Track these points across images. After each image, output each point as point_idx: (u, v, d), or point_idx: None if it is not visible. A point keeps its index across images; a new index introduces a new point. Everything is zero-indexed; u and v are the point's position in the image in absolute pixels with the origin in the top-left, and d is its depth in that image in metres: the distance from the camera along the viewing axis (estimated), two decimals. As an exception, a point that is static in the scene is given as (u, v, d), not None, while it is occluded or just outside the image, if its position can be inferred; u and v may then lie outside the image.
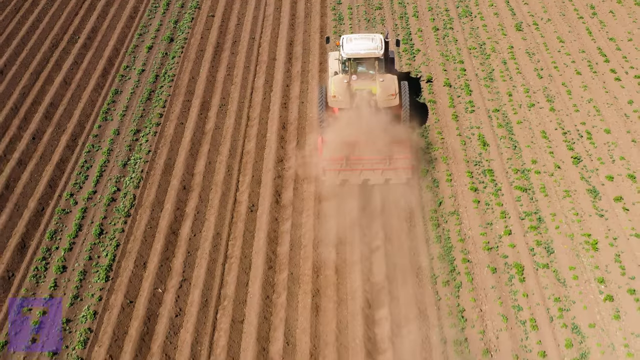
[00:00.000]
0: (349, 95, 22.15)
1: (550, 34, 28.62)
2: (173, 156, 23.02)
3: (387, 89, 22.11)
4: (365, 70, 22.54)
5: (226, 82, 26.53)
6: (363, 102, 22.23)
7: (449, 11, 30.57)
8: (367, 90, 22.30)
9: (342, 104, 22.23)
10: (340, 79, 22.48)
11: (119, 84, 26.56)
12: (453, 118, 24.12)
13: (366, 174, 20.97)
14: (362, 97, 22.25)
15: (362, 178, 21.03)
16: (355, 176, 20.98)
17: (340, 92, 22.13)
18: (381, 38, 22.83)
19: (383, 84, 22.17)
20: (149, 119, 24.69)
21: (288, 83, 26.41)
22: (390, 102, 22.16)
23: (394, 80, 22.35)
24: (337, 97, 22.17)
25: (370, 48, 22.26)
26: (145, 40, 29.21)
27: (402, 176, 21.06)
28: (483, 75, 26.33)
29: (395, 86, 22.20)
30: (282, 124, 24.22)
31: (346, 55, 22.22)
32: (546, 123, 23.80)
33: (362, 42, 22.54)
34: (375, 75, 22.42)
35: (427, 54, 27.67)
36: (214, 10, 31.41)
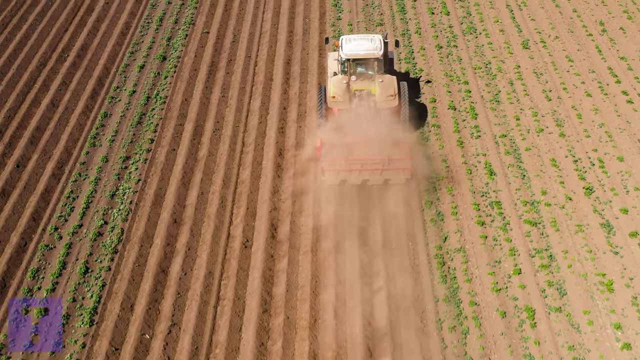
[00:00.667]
0: (348, 96, 22.19)
1: (559, 53, 27.48)
2: (164, 186, 21.88)
3: (387, 90, 22.10)
4: (365, 71, 22.57)
5: (221, 105, 25.40)
6: (362, 103, 22.31)
7: (453, 27, 29.43)
8: (366, 91, 22.36)
9: (342, 105, 22.24)
10: (339, 80, 22.46)
11: (109, 106, 25.42)
12: (458, 144, 22.99)
13: (365, 174, 20.76)
14: (362, 98, 22.33)
15: (361, 178, 20.81)
16: (354, 176, 20.79)
17: (340, 92, 22.13)
18: (380, 39, 22.79)
19: (382, 85, 22.15)
20: (139, 144, 23.55)
21: (285, 105, 25.27)
22: (389, 102, 22.15)
23: (393, 81, 22.36)
24: (336, 97, 22.16)
25: (369, 49, 22.28)
26: (137, 59, 28.07)
27: (401, 177, 20.84)
28: (489, 97, 25.19)
29: (394, 87, 22.20)
30: (279, 151, 23.08)
31: (345, 56, 22.21)
32: (556, 150, 22.66)
33: (361, 43, 22.56)
34: (374, 76, 22.46)
35: (431, 74, 26.52)
36: (208, 26, 30.27)
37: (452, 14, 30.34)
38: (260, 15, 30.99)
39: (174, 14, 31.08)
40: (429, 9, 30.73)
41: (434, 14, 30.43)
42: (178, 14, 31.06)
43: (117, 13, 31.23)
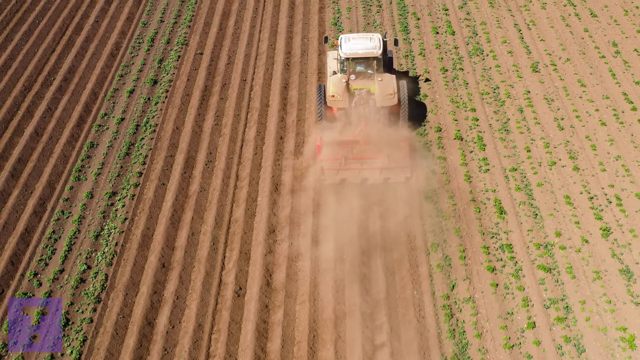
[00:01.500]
0: (347, 94, 22.23)
1: (570, 76, 26.09)
2: (152, 225, 20.51)
3: (386, 89, 22.09)
4: (364, 69, 22.59)
5: (214, 134, 24.01)
6: (362, 102, 22.33)
7: (458, 49, 28.04)
8: (365, 90, 22.37)
9: (341, 104, 22.26)
10: (338, 79, 22.48)
11: (96, 135, 24.04)
12: (466, 179, 21.60)
13: (365, 173, 20.88)
14: (361, 97, 22.33)
15: (361, 177, 20.96)
16: (354, 175, 20.93)
17: (339, 91, 22.11)
18: (379, 37, 22.83)
19: (382, 84, 22.16)
20: (126, 178, 22.17)
21: (282, 135, 23.89)
22: (389, 101, 22.12)
23: (392, 80, 22.35)
24: (335, 96, 22.15)
25: (368, 48, 22.30)
26: (127, 83, 26.69)
27: (400, 175, 20.93)
28: (497, 126, 23.80)
29: (393, 85, 22.20)
30: (275, 186, 21.70)
31: (344, 55, 22.24)
32: (570, 185, 21.28)
33: (360, 42, 22.58)
34: (373, 75, 22.48)
35: (435, 100, 25.15)
36: (202, 47, 28.90)
37: (458, 34, 28.97)
38: (256, 34, 29.62)
39: (167, 33, 29.71)
40: (433, 28, 29.35)
41: (438, 34, 29.07)
42: (171, 34, 29.69)
43: (107, 32, 29.86)
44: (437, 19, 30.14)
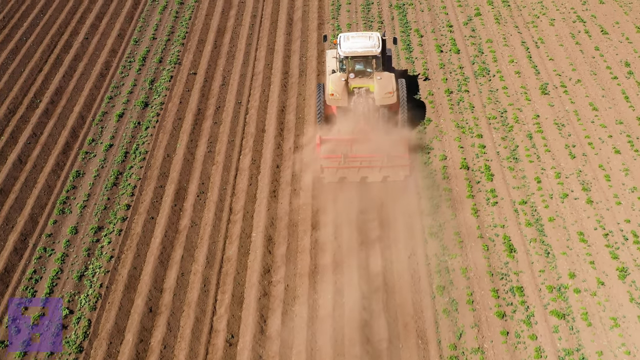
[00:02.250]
0: (346, 93, 22.26)
1: (581, 99, 24.85)
2: (139, 264, 19.28)
3: (385, 87, 22.14)
4: (363, 68, 22.66)
5: (206, 162, 22.79)
6: (361, 100, 22.37)
7: (464, 69, 26.81)
8: (364, 89, 22.46)
9: (340, 102, 22.30)
10: (337, 77, 22.52)
11: (82, 163, 22.81)
12: (473, 213, 20.36)
13: (364, 171, 20.82)
14: (360, 95, 22.39)
15: (360, 176, 20.90)
16: (353, 174, 20.87)
17: (338, 90, 22.15)
18: (378, 36, 22.89)
19: (381, 82, 22.22)
20: (113, 212, 20.94)
21: (278, 163, 22.67)
22: (388, 100, 22.17)
23: (391, 78, 22.41)
24: (334, 95, 22.19)
25: (367, 46, 22.38)
26: (116, 106, 25.47)
27: (400, 174, 20.89)
28: (506, 154, 22.57)
29: (392, 84, 22.26)
30: (271, 220, 20.47)
31: (344, 53, 22.31)
32: (583, 220, 20.04)
33: (359, 41, 22.63)
34: (372, 74, 22.58)
35: (440, 125, 23.91)
36: (196, 66, 27.67)
37: (463, 52, 27.73)
38: (252, 53, 28.39)
39: (159, 51, 28.49)
40: (437, 46, 28.11)
41: (442, 52, 27.82)
42: (163, 52, 28.47)
43: (97, 50, 28.65)
44: (441, 37, 28.91)
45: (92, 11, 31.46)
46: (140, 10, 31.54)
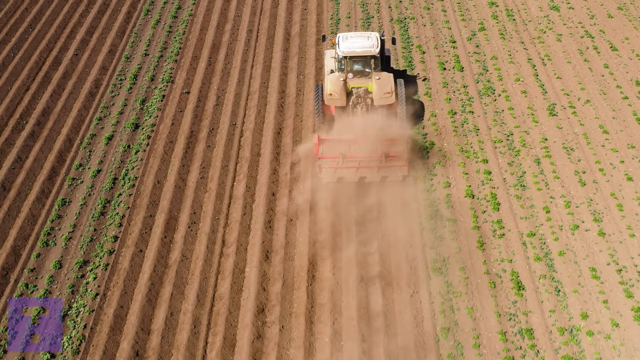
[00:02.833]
0: (345, 93, 22.23)
1: (591, 121, 23.79)
2: (126, 303, 18.22)
3: (383, 87, 22.11)
4: (362, 68, 22.62)
5: (199, 189, 21.73)
6: (359, 100, 22.39)
7: (468, 87, 25.74)
8: (363, 89, 22.44)
9: (338, 102, 22.30)
10: (336, 77, 22.50)
11: (68, 191, 21.75)
12: (478, 246, 19.30)
13: (362, 171, 20.75)
14: (359, 95, 22.39)
15: (358, 176, 20.82)
16: (351, 174, 20.81)
17: (337, 90, 22.15)
18: (377, 36, 22.85)
19: (379, 82, 22.19)
20: (100, 244, 19.89)
21: (274, 190, 21.61)
22: (386, 100, 22.17)
23: (390, 78, 22.38)
24: (333, 95, 22.18)
25: (366, 46, 22.34)
26: (105, 127, 24.40)
27: (398, 174, 20.86)
28: (512, 181, 21.50)
29: (391, 84, 22.24)
30: (265, 253, 19.43)
31: (342, 53, 22.29)
32: (595, 254, 18.99)
33: (358, 41, 22.59)
34: (371, 74, 22.54)
35: (443, 149, 22.84)
36: (189, 85, 26.62)
37: (467, 70, 26.66)
38: (248, 70, 27.32)
39: (151, 69, 27.43)
40: (440, 63, 27.05)
41: (445, 70, 26.75)
42: (155, 69, 27.41)
43: (87, 67, 27.59)
44: (444, 53, 27.84)
45: (83, 25, 30.41)
46: (133, 25, 30.49)
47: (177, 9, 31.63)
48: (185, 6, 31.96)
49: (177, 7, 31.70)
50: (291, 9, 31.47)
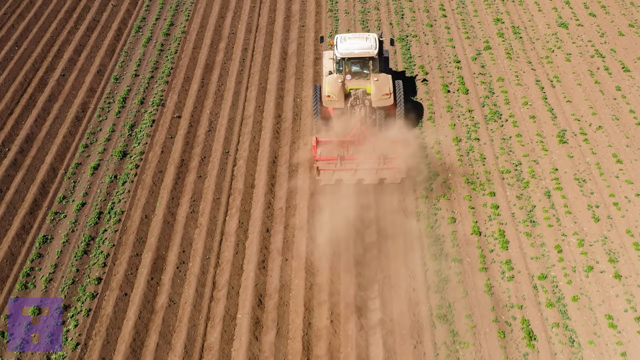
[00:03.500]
0: (343, 95, 22.06)
1: (604, 149, 22.53)
2: (108, 354, 16.96)
3: (382, 89, 21.96)
4: (360, 69, 22.50)
5: (189, 225, 20.49)
6: (357, 102, 22.24)
7: (473, 112, 24.48)
8: (361, 90, 22.29)
9: (336, 104, 22.12)
10: (334, 79, 22.35)
11: (50, 226, 20.51)
12: (486, 289, 18.05)
13: (360, 173, 20.66)
14: (357, 97, 22.24)
15: (356, 178, 20.74)
16: (349, 176, 20.74)
17: (335, 91, 21.98)
18: (375, 37, 22.71)
19: (377, 84, 22.04)
20: (82, 287, 18.64)
21: (269, 226, 20.36)
22: (384, 101, 22.03)
23: (388, 80, 22.21)
24: (331, 96, 22.00)
25: (364, 47, 22.22)
26: (92, 156, 23.17)
27: (396, 176, 20.76)
28: (522, 216, 20.25)
29: (389, 86, 22.06)
30: (259, 298, 18.18)
31: (340, 55, 22.19)
32: (611, 299, 17.74)
33: (356, 42, 22.47)
34: (369, 75, 22.39)
35: (448, 181, 21.59)
36: (180, 108, 25.37)
37: (472, 93, 25.41)
38: (242, 93, 26.07)
39: (141, 91, 26.18)
40: (444, 85, 25.80)
41: (449, 92, 25.51)
42: (145, 92, 26.16)
43: (74, 89, 26.34)
44: (448, 74, 26.59)
45: (71, 43, 29.18)
46: (123, 43, 29.25)
47: (170, 25, 30.40)
48: (177, 23, 30.73)
49: (169, 23, 30.47)
50: (288, 26, 30.24)
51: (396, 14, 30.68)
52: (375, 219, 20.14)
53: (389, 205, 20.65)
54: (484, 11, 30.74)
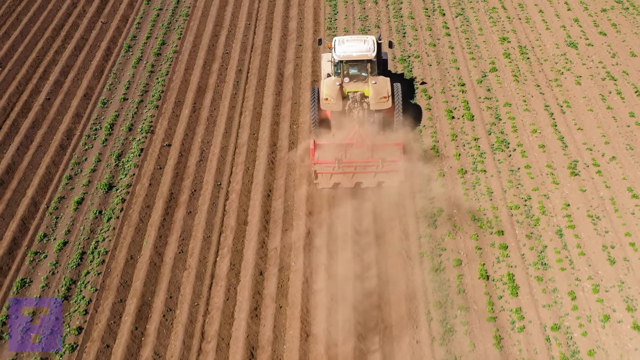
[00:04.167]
0: (341, 97, 21.95)
1: (618, 182, 21.25)
2: (87, 416, 15.72)
3: (380, 92, 21.82)
4: (358, 72, 22.28)
5: (177, 267, 19.21)
6: (355, 105, 22.11)
7: (479, 140, 23.21)
8: (359, 93, 22.09)
9: (334, 107, 21.99)
10: (332, 82, 22.19)
11: (29, 268, 19.24)
12: (495, 342, 16.75)
13: (358, 176, 20.64)
14: (355, 100, 22.07)
15: (354, 181, 20.73)
16: (347, 179, 20.70)
17: (333, 94, 21.87)
18: (374, 40, 22.52)
19: (376, 87, 21.91)
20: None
21: (262, 269, 19.09)
22: (382, 104, 21.92)
23: (386, 83, 22.07)
24: (329, 99, 21.87)
25: (362, 50, 22.05)
26: (76, 189, 21.91)
27: (394, 179, 20.64)
28: (532, 258, 18.97)
29: (388, 88, 21.93)
30: (250, 350, 16.91)
31: (338, 57, 21.98)
32: (630, 353, 16.46)
33: (354, 44, 22.29)
34: (367, 78, 22.22)
35: (453, 218, 20.31)
36: (170, 135, 24.11)
37: (477, 119, 24.14)
38: (236, 118, 24.81)
39: (129, 116, 24.92)
40: (448, 110, 24.52)
41: (454, 119, 24.24)
42: (134, 117, 24.90)
43: (59, 115, 25.08)
44: (452, 98, 25.31)
45: (58, 64, 27.93)
46: (112, 63, 27.99)
47: (161, 44, 29.14)
48: (169, 41, 29.47)
49: (160, 42, 29.22)
50: (285, 45, 28.97)
51: (397, 32, 29.44)
52: (376, 261, 18.89)
53: (390, 244, 19.40)
54: (489, 29, 29.47)
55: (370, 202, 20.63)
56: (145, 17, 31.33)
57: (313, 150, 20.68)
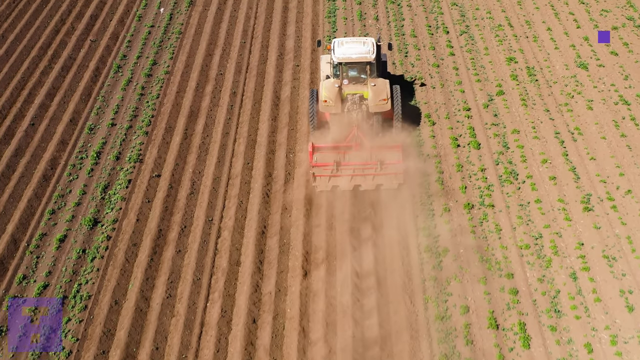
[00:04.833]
0: (340, 100, 21.76)
1: (635, 219, 19.98)
2: None
3: (379, 94, 21.71)
4: (357, 74, 22.11)
5: (164, 313, 17.95)
6: (354, 107, 21.88)
7: (486, 171, 21.95)
8: (358, 95, 21.92)
9: (333, 109, 21.83)
10: (331, 84, 22.00)
11: (6, 315, 17.96)
12: (506, 402, 15.51)
13: (357, 179, 20.50)
14: (354, 102, 21.86)
15: (352, 184, 20.56)
16: (345, 182, 20.51)
17: (332, 96, 21.68)
18: (373, 42, 22.36)
19: (375, 89, 21.76)
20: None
21: (255, 316, 17.83)
22: (382, 107, 21.75)
23: (386, 85, 21.93)
24: (328, 102, 21.69)
25: (361, 52, 21.88)
26: (58, 224, 20.65)
27: (393, 182, 20.48)
28: (545, 305, 17.71)
29: (387, 91, 21.78)
30: (242, 410, 15.65)
31: (337, 59, 21.79)
32: (653, 415, 15.21)
33: (353, 46, 22.13)
34: (367, 80, 22.05)
35: (458, 258, 19.04)
36: (160, 165, 22.84)
37: (484, 147, 22.88)
38: (230, 146, 23.55)
39: (117, 144, 23.66)
40: (453, 138, 23.27)
41: (459, 147, 22.98)
42: (122, 145, 23.64)
43: (43, 142, 23.83)
44: (457, 124, 24.05)
45: (44, 86, 26.67)
46: (101, 85, 26.73)
47: (152, 64, 27.88)
48: (161, 61, 28.21)
49: (152, 62, 27.95)
50: (281, 66, 27.70)
51: (400, 52, 28.16)
52: (377, 307, 17.64)
53: (392, 288, 18.15)
54: (495, 49, 28.20)
55: (372, 242, 19.38)
56: (137, 35, 30.08)
57: (311, 153, 20.44)
